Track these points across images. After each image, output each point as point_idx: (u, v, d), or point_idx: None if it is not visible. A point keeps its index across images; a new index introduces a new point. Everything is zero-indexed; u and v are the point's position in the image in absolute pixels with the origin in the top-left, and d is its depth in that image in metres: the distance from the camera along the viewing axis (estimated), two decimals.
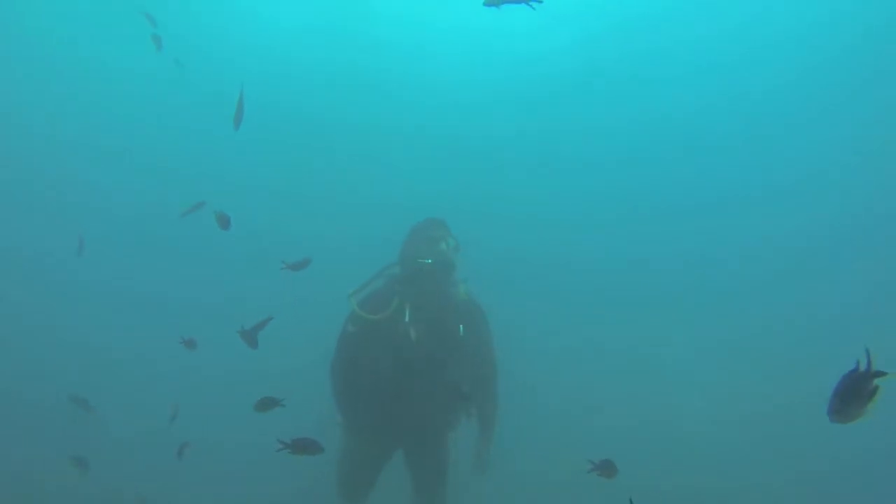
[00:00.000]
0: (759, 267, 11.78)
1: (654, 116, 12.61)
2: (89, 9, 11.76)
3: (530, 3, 2.60)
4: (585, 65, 12.49)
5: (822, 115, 12.16)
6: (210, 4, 12.04)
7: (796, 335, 10.20)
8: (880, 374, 1.72)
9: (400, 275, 3.68)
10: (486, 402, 3.76)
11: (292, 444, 2.87)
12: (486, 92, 12.65)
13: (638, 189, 12.62)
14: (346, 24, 12.33)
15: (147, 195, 12.13)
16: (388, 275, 3.72)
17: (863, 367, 1.73)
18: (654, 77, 12.51)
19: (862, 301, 10.71)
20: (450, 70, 12.69)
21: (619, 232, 12.07)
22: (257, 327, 3.43)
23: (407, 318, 3.46)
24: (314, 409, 4.13)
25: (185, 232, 11.99)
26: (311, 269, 3.85)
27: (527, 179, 12.61)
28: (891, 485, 6.32)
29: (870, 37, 11.34)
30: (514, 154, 12.69)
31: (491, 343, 3.74)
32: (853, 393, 1.73)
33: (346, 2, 12.16)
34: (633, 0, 11.83)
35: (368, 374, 3.61)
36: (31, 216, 11.74)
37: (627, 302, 10.88)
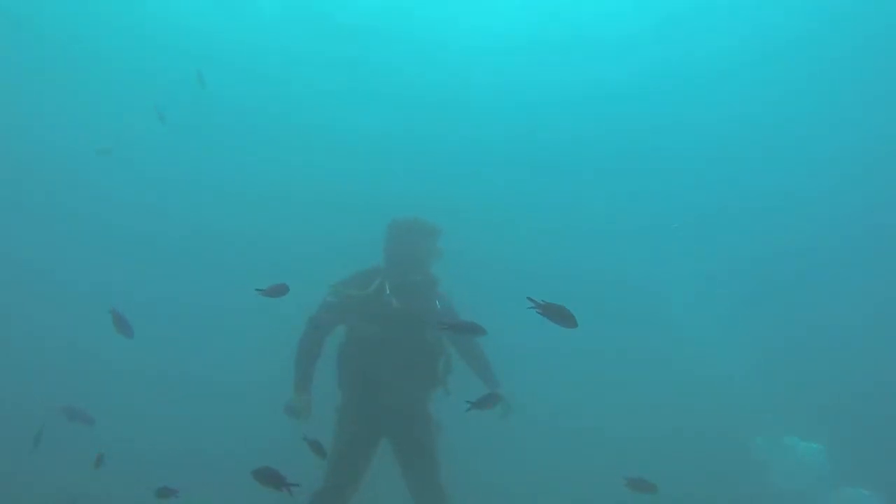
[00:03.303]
0: (767, 276, 11.73)
1: (654, 123, 12.53)
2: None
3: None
4: (578, 67, 12.42)
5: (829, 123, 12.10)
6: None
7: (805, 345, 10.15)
8: None
9: (384, 266, 4.24)
10: (475, 351, 4.29)
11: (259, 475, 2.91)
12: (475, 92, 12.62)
13: (641, 197, 12.54)
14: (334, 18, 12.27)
15: (143, 199, 12.12)
16: (372, 266, 4.24)
17: None
18: (651, 85, 12.44)
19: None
20: (433, 68, 12.63)
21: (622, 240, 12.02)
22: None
23: (388, 292, 4.02)
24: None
25: (181, 237, 12.06)
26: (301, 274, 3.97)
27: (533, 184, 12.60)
28: None
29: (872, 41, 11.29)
30: (519, 159, 12.67)
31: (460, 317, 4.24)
32: None
33: None
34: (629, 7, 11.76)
35: (349, 339, 4.11)
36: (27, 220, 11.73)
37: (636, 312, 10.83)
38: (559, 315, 2.43)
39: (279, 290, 3.34)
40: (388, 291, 4.04)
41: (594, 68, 12.33)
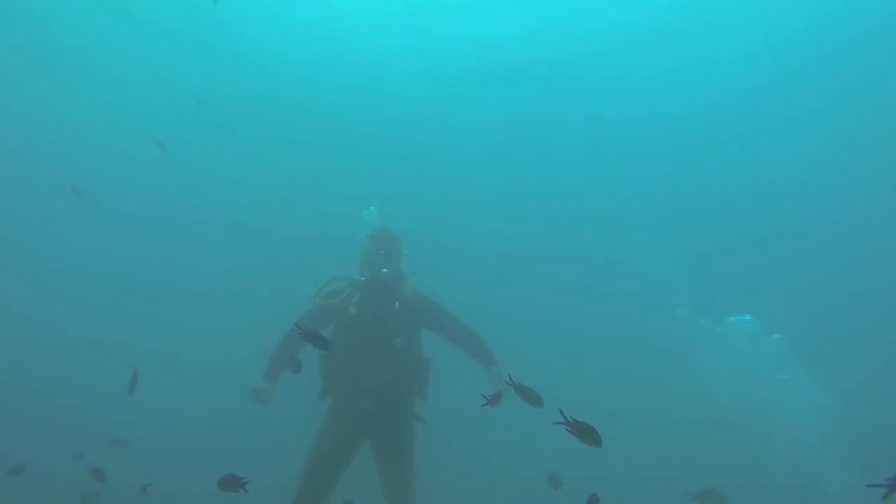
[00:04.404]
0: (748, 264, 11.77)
1: (630, 109, 12.41)
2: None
3: None
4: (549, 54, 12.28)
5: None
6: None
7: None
8: None
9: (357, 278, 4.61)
10: (465, 334, 4.48)
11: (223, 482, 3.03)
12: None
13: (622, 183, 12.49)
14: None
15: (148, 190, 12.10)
16: (351, 279, 4.58)
17: None
18: (619, 72, 12.35)
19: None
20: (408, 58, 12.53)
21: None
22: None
23: (354, 301, 4.36)
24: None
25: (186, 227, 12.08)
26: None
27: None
28: None
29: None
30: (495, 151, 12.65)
31: (443, 308, 4.53)
32: None
33: None
34: None
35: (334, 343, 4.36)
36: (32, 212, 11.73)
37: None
38: (587, 434, 2.51)
39: (317, 339, 3.48)
40: (353, 301, 4.35)
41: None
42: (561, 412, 2.48)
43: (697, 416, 7.93)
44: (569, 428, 2.49)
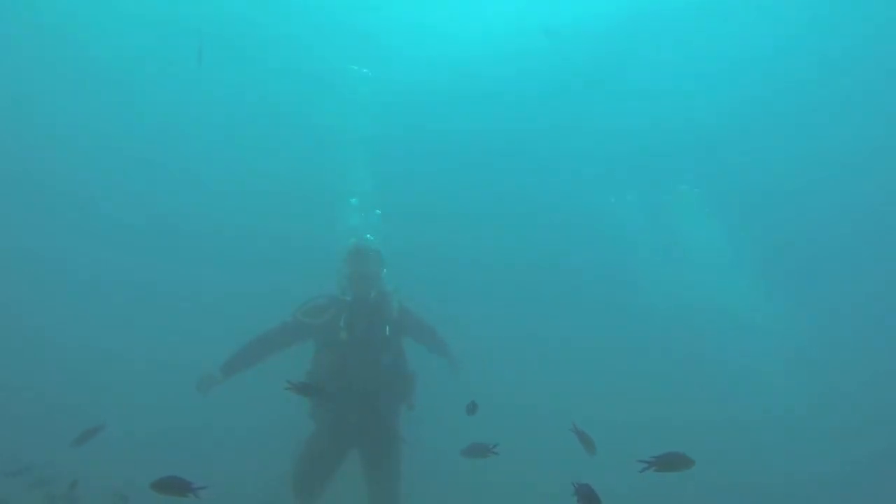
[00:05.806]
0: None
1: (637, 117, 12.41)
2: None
3: None
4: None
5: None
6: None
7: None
8: None
9: (339, 295, 4.53)
10: (437, 343, 4.74)
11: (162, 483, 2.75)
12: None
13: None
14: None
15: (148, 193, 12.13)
16: (330, 295, 4.52)
17: None
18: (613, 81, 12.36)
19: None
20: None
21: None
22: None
23: (342, 324, 4.29)
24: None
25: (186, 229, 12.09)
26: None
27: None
28: None
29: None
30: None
31: (423, 321, 4.65)
32: None
33: None
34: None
35: (314, 366, 4.38)
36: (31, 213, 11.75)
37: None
38: (676, 462, 2.47)
39: (313, 392, 3.57)
40: (342, 323, 4.31)
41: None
42: (643, 461, 2.43)
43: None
44: (655, 468, 2.44)
